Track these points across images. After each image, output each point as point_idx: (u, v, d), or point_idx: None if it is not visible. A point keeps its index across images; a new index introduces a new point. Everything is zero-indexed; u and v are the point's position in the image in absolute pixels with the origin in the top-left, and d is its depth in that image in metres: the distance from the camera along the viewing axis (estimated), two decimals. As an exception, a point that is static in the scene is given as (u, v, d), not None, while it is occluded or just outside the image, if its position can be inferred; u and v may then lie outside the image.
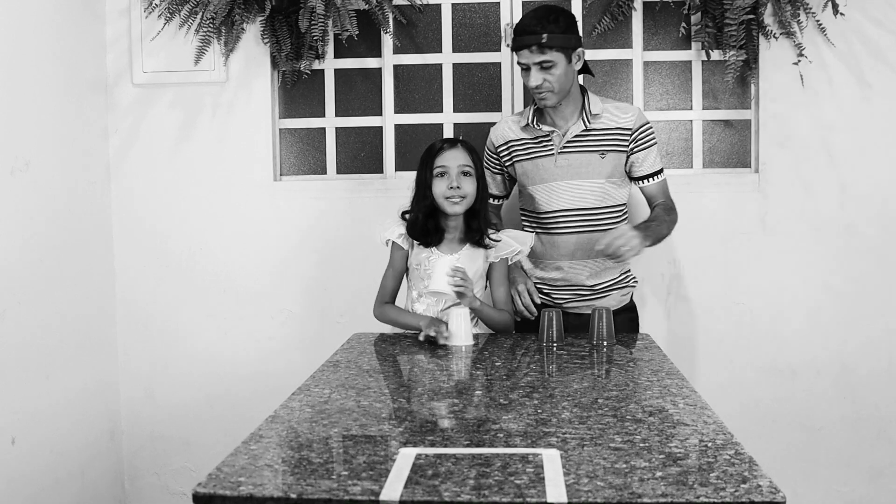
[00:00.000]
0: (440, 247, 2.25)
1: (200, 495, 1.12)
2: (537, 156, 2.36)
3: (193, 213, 2.94)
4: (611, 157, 2.32)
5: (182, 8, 2.79)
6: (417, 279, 2.27)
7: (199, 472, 2.95)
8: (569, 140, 2.32)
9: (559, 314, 2.12)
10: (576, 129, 2.31)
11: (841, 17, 2.65)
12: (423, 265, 2.24)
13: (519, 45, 2.22)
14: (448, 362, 1.98)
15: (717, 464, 1.20)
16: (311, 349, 2.86)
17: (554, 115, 2.34)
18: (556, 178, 2.34)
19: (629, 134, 2.31)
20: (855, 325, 2.79)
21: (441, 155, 2.22)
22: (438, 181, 2.20)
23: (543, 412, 1.48)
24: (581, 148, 2.32)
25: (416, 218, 2.24)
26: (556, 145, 2.33)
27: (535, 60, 2.20)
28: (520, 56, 2.24)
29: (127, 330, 2.97)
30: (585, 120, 2.31)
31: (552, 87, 2.23)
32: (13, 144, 2.38)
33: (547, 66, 2.21)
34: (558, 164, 2.33)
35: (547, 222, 2.38)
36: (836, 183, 2.77)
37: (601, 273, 2.37)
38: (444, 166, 2.20)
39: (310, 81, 2.94)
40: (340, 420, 1.46)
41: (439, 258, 2.21)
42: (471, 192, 2.20)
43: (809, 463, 2.83)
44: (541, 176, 2.35)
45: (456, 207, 2.20)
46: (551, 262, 2.40)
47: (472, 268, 2.22)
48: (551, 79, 2.22)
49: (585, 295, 2.40)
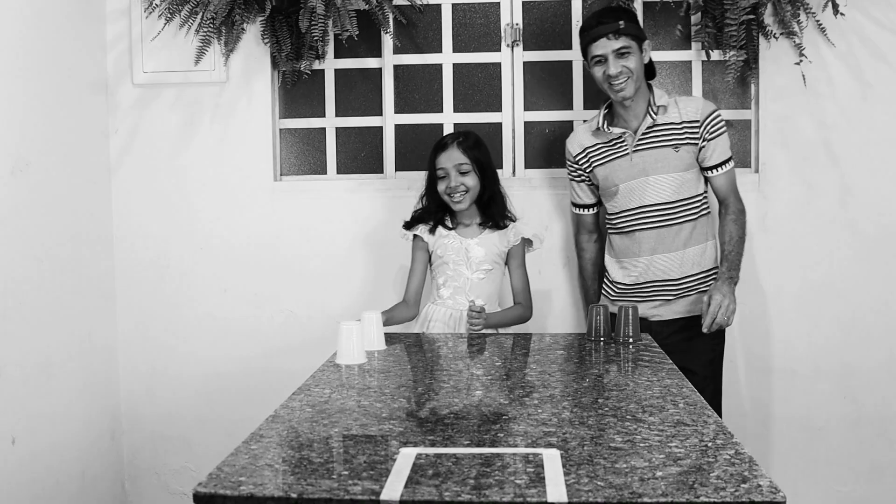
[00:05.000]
0: (459, 230, 2.44)
1: (201, 495, 1.12)
2: (613, 158, 2.43)
3: (193, 213, 2.94)
4: (684, 149, 2.37)
5: (182, 8, 2.79)
6: (442, 266, 2.43)
7: (200, 472, 2.95)
8: (640, 138, 2.39)
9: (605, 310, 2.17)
10: (645, 125, 2.38)
11: (841, 17, 2.65)
12: (446, 251, 2.41)
13: (596, 35, 2.30)
14: (448, 362, 1.98)
15: (717, 464, 1.20)
16: (311, 349, 2.86)
17: (625, 115, 2.40)
18: (634, 177, 2.40)
19: (698, 125, 2.37)
20: (855, 325, 2.79)
21: (438, 157, 2.39)
22: (440, 181, 2.39)
23: (543, 412, 1.48)
24: (654, 144, 2.38)
25: (429, 209, 2.45)
26: (629, 145, 2.40)
27: (614, 48, 2.29)
28: (595, 48, 2.32)
29: (127, 330, 2.97)
30: (652, 114, 2.37)
31: (630, 73, 2.31)
32: (13, 144, 2.37)
33: (624, 52, 2.30)
34: (634, 163, 2.40)
35: (628, 220, 2.43)
36: (836, 183, 2.77)
37: (684, 266, 2.41)
38: (442, 168, 2.37)
39: (310, 81, 2.94)
40: (341, 420, 1.46)
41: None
42: (473, 185, 2.37)
43: (809, 463, 2.83)
44: (619, 176, 2.42)
45: (460, 205, 2.39)
46: (632, 260, 2.44)
47: (493, 252, 2.41)
48: (630, 65, 2.30)
49: (670, 291, 2.42)
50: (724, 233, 2.38)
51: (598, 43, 2.31)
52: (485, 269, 2.41)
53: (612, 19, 2.30)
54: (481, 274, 2.40)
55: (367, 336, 2.04)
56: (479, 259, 2.39)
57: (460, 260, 2.40)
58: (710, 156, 2.39)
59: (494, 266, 2.42)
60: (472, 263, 2.40)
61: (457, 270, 2.40)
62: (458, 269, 2.40)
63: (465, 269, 2.40)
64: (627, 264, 2.46)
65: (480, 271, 2.40)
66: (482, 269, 2.40)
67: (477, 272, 2.40)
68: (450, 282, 2.41)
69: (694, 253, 2.41)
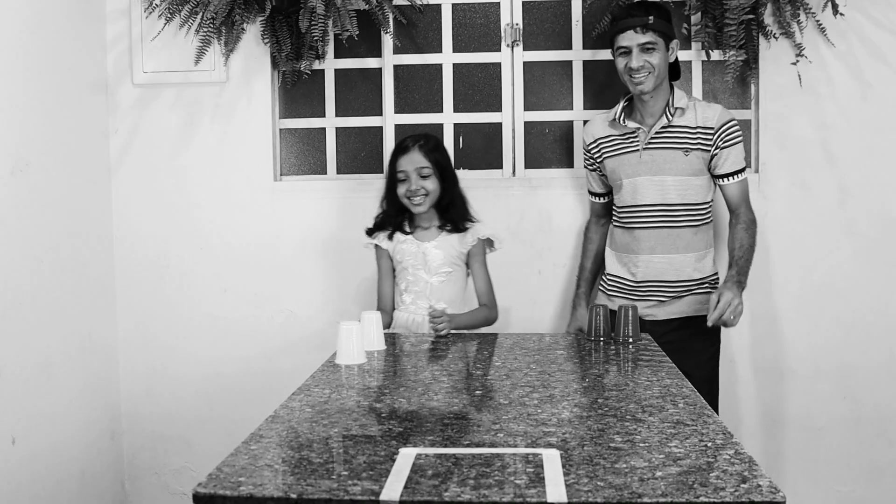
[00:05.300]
0: (417, 234, 2.42)
1: (201, 495, 1.12)
2: (623, 151, 2.45)
3: (193, 213, 2.94)
4: (695, 154, 2.38)
5: (182, 8, 2.79)
6: (402, 271, 2.42)
7: (200, 472, 2.95)
8: (653, 136, 2.40)
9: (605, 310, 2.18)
10: (660, 124, 2.39)
11: (841, 17, 2.65)
12: (404, 256, 2.40)
13: (624, 26, 2.32)
14: (448, 362, 1.98)
15: (716, 464, 1.20)
16: (311, 349, 2.86)
17: (643, 111, 2.42)
18: (641, 174, 2.41)
19: (712, 133, 2.37)
20: (855, 325, 2.79)
21: (399, 161, 2.38)
22: (400, 185, 2.38)
23: (543, 412, 1.48)
24: (665, 145, 2.39)
25: (389, 212, 2.43)
26: (641, 141, 2.41)
27: (640, 41, 2.31)
28: (621, 39, 2.34)
29: (127, 329, 2.97)
30: (669, 114, 2.38)
31: (652, 69, 2.32)
32: (13, 144, 2.37)
33: (649, 47, 2.31)
34: (642, 160, 2.41)
35: (630, 216, 2.44)
36: (835, 183, 2.77)
37: (681, 270, 2.41)
38: (403, 171, 2.37)
39: (310, 81, 2.94)
40: (340, 420, 1.46)
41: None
42: (433, 189, 2.36)
43: (809, 463, 2.83)
44: (626, 171, 2.43)
45: (419, 208, 2.37)
46: (630, 257, 2.45)
47: (451, 254, 2.39)
48: (653, 61, 2.32)
49: (666, 293, 2.43)
50: (735, 240, 2.36)
51: (625, 34, 2.33)
52: (444, 271, 2.39)
53: (642, 13, 2.31)
54: (441, 277, 2.38)
55: (366, 336, 2.04)
56: (438, 262, 2.38)
57: (418, 264, 2.38)
58: (722, 164, 2.39)
59: (454, 268, 2.40)
60: (430, 267, 2.38)
61: (416, 275, 2.39)
62: (417, 273, 2.38)
63: (424, 273, 2.38)
64: (626, 260, 2.47)
65: (440, 274, 2.38)
66: (441, 272, 2.38)
67: (436, 276, 2.38)
68: (410, 287, 2.40)
69: (692, 259, 2.41)
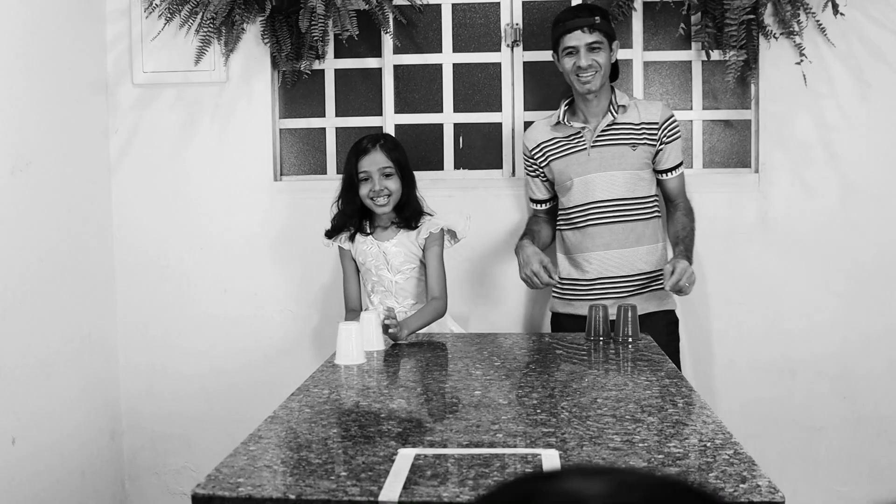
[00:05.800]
0: (376, 234, 2.42)
1: (200, 496, 1.12)
2: (571, 151, 2.48)
3: (194, 212, 2.94)
4: (641, 149, 2.43)
5: (182, 8, 2.79)
6: (367, 272, 2.43)
7: (199, 472, 2.95)
8: (599, 134, 2.44)
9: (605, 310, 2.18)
10: (605, 122, 2.44)
11: (841, 17, 2.65)
12: (366, 257, 2.40)
13: (571, 27, 2.38)
14: (447, 362, 1.98)
15: (716, 464, 1.20)
16: (311, 349, 2.86)
17: (586, 111, 2.46)
18: (590, 171, 2.44)
19: (657, 128, 2.43)
20: (855, 325, 2.79)
21: (360, 161, 2.36)
22: (363, 185, 2.35)
23: (543, 412, 1.48)
24: (612, 141, 2.44)
25: (347, 212, 2.40)
26: (587, 140, 2.45)
27: (587, 41, 2.37)
28: (568, 39, 2.39)
29: (127, 329, 2.97)
30: (613, 112, 2.43)
31: (599, 68, 2.37)
32: (14, 144, 2.38)
33: (596, 47, 2.37)
34: (591, 158, 2.45)
35: (582, 214, 2.46)
36: (836, 183, 2.77)
37: (636, 263, 2.43)
38: (365, 171, 2.34)
39: (310, 81, 2.94)
40: (340, 420, 1.46)
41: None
42: (395, 189, 2.36)
43: (809, 463, 2.83)
44: (575, 170, 2.46)
45: (384, 208, 2.36)
46: (584, 255, 2.45)
47: (410, 251, 2.38)
48: (599, 60, 2.37)
49: (622, 288, 2.44)
50: (677, 222, 2.45)
51: (572, 35, 2.38)
52: (407, 268, 2.39)
53: (587, 14, 2.39)
54: (405, 274, 2.39)
55: (366, 336, 2.04)
56: (400, 260, 2.38)
57: (380, 264, 2.38)
58: (665, 159, 2.46)
59: (417, 265, 2.41)
60: (392, 266, 2.38)
61: (379, 275, 2.39)
62: (380, 273, 2.39)
63: (387, 272, 2.38)
64: (580, 259, 2.47)
65: (403, 272, 2.38)
66: (404, 269, 2.38)
67: (399, 274, 2.38)
68: (376, 287, 2.41)
69: (646, 252, 2.45)
